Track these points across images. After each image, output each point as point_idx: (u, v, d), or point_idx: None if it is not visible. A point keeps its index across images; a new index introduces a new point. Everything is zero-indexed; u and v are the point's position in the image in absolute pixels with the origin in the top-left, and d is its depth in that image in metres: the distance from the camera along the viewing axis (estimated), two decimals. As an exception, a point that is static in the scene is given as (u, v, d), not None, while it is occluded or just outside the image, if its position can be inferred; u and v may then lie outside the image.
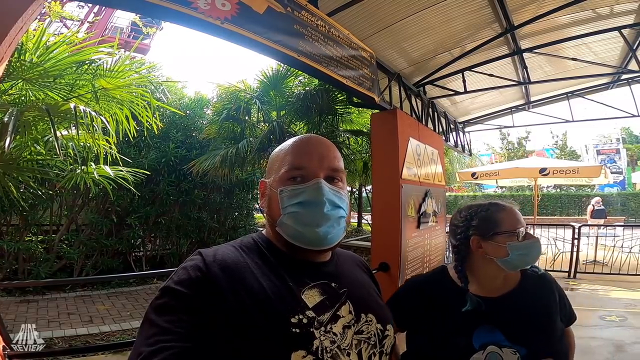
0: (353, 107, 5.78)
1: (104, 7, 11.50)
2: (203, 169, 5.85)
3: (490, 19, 3.62)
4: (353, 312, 0.69)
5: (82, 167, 3.38)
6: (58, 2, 6.55)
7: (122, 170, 3.53)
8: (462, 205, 1.12)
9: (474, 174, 8.08)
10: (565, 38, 4.08)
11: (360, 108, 5.87)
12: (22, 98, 2.97)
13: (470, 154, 7.99)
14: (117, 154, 3.37)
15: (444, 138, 5.64)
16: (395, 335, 0.76)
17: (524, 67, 4.57)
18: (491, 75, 4.60)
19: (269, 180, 0.74)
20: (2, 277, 4.98)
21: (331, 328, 0.64)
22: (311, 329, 0.61)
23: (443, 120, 5.78)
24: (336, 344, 0.63)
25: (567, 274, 5.64)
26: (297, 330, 0.60)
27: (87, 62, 2.96)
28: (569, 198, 19.25)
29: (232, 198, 7.85)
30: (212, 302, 0.58)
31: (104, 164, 3.36)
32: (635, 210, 18.16)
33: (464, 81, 4.57)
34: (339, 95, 5.51)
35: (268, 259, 0.69)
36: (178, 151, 6.59)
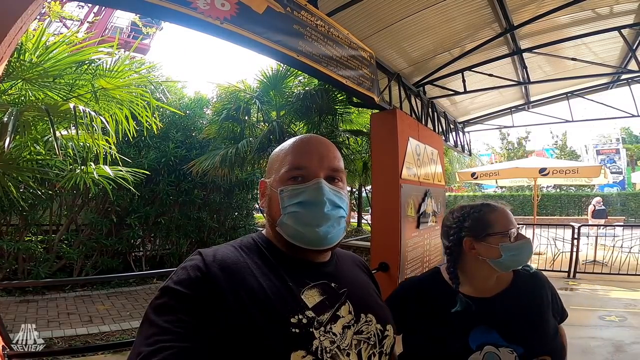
0: (353, 107, 5.78)
1: (103, 7, 11.49)
2: (203, 168, 5.85)
3: (490, 19, 3.62)
4: (353, 312, 0.69)
5: (82, 167, 3.38)
6: (58, 2, 6.54)
7: (121, 170, 3.53)
8: (455, 206, 1.13)
9: (473, 174, 8.08)
10: (565, 38, 4.08)
11: (360, 108, 5.86)
12: (22, 98, 2.97)
13: (470, 154, 7.99)
14: (116, 154, 3.37)
15: (444, 138, 5.64)
16: (394, 335, 0.76)
17: (524, 67, 4.57)
18: (491, 75, 4.60)
19: (269, 180, 0.74)
20: (2, 277, 4.97)
21: (331, 328, 0.64)
22: (311, 329, 0.61)
23: (443, 120, 5.78)
24: (336, 344, 0.63)
25: (566, 274, 5.64)
26: (297, 330, 0.60)
27: (86, 62, 2.97)
28: (569, 198, 19.25)
29: (232, 198, 7.84)
30: (211, 302, 0.58)
31: (104, 164, 3.36)
32: (635, 210, 18.17)
33: (464, 81, 4.57)
34: (338, 95, 5.51)
35: (268, 259, 0.69)
36: (178, 151, 6.58)
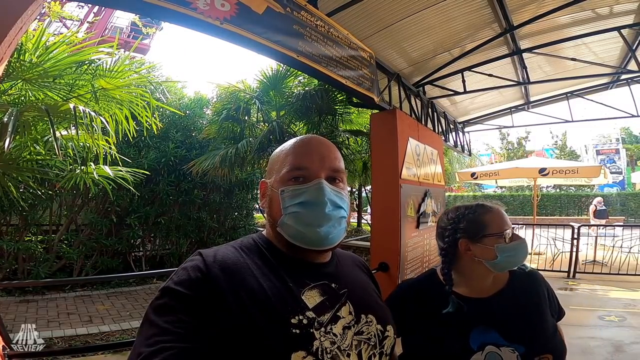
0: (353, 107, 5.77)
1: (103, 7, 11.47)
2: (203, 169, 5.84)
3: (489, 19, 3.62)
4: (353, 313, 0.69)
5: (82, 167, 3.37)
6: (58, 2, 6.53)
7: (121, 170, 3.53)
8: (449, 207, 1.12)
9: (473, 174, 8.07)
10: (565, 38, 4.08)
11: (359, 108, 5.86)
12: (22, 98, 2.97)
13: (469, 154, 8.00)
14: (116, 154, 3.37)
15: (444, 138, 5.65)
16: (395, 336, 0.76)
17: (524, 67, 4.58)
18: (491, 75, 4.60)
19: (270, 180, 0.74)
20: (1, 277, 4.97)
21: (331, 329, 0.64)
22: (311, 330, 0.61)
23: (442, 121, 5.79)
24: (336, 345, 0.63)
25: (566, 274, 5.64)
26: (297, 331, 0.60)
27: (86, 62, 2.96)
28: (569, 198, 19.26)
29: (232, 198, 7.84)
30: (212, 303, 0.58)
31: (104, 164, 3.36)
32: (634, 210, 18.18)
33: (464, 81, 4.57)
34: (338, 95, 5.51)
35: (268, 259, 0.69)
36: (178, 151, 6.58)
